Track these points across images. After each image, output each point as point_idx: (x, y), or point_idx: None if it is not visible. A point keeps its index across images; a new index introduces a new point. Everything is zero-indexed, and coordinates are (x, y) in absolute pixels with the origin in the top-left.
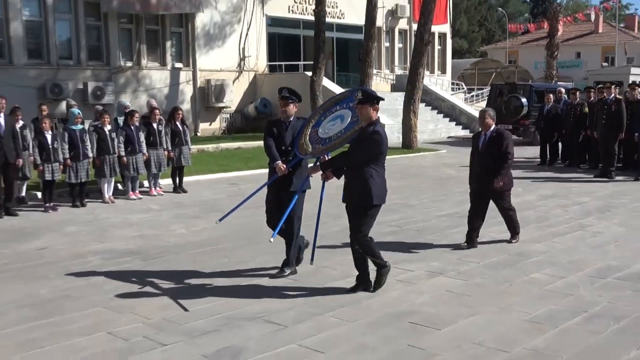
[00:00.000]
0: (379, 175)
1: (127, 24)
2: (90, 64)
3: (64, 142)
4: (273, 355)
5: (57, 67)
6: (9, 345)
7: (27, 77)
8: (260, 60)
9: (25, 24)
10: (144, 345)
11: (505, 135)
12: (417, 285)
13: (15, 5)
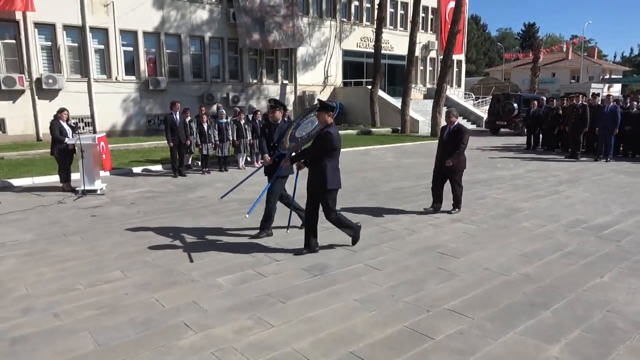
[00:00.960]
0: (332, 167)
1: (254, 55)
2: (231, 81)
3: (215, 130)
4: (348, 270)
5: (210, 83)
6: (171, 259)
7: (192, 89)
8: (337, 78)
9: (192, 56)
10: (265, 260)
11: (463, 130)
12: (442, 228)
13: (186, 45)
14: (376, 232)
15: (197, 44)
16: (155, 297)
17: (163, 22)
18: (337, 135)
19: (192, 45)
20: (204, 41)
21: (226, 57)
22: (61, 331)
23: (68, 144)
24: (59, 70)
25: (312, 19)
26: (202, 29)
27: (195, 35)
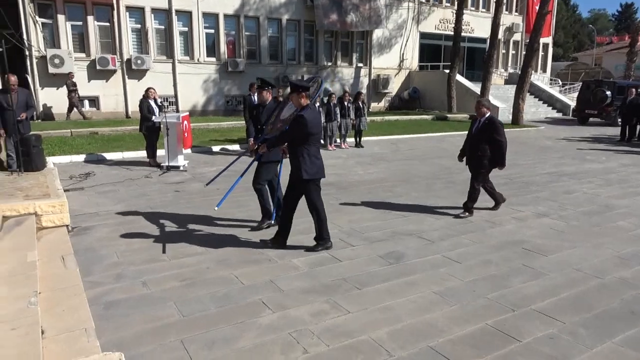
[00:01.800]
0: (309, 154)
1: (329, 37)
2: (306, 63)
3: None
4: (424, 260)
5: (286, 65)
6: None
7: (269, 71)
8: (413, 61)
9: (269, 39)
10: (339, 244)
11: (497, 122)
12: (527, 222)
13: (264, 27)
14: (455, 223)
15: (274, 26)
16: (235, 274)
17: (243, 5)
18: (312, 119)
19: (269, 27)
20: (281, 23)
21: (302, 39)
22: (149, 299)
23: (155, 121)
24: (146, 51)
25: (390, 1)
26: (280, 11)
27: (273, 18)
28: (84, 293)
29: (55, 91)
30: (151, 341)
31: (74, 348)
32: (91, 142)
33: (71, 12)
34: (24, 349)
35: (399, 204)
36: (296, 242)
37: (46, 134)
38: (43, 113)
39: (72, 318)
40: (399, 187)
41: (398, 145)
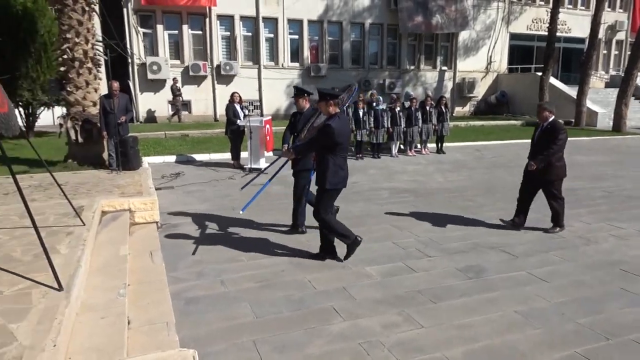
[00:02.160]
0: (334, 164)
1: (413, 41)
2: (388, 67)
3: (370, 117)
4: (507, 276)
5: (367, 70)
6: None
7: (350, 75)
8: (502, 64)
9: (351, 43)
10: (415, 254)
11: (559, 127)
12: (628, 241)
13: (347, 32)
14: (544, 238)
15: (357, 30)
16: (309, 278)
17: (327, 10)
18: (340, 129)
19: (352, 32)
20: (364, 27)
21: (385, 43)
22: (226, 298)
23: (240, 125)
24: (234, 58)
25: (478, 1)
26: (363, 15)
27: (356, 22)
28: (168, 288)
29: (153, 96)
30: (225, 340)
31: (155, 340)
32: (182, 144)
33: (168, 22)
34: (110, 338)
35: (481, 214)
36: (368, 250)
37: (143, 136)
38: (147, 116)
39: (155, 311)
40: (482, 197)
41: (482, 152)
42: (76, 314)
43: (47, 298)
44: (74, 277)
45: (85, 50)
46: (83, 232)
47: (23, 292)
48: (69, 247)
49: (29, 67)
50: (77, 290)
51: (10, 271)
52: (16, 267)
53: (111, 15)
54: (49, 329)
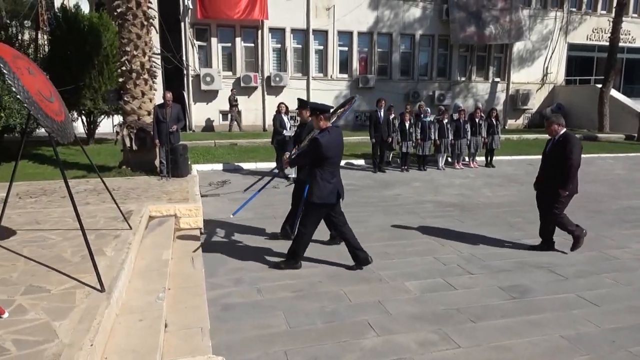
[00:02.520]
0: (322, 177)
1: (464, 52)
2: (438, 79)
3: (417, 128)
4: (555, 298)
5: (417, 81)
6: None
7: (399, 87)
8: (559, 75)
9: (401, 54)
10: (456, 270)
11: (571, 141)
12: None
13: (397, 43)
14: (596, 259)
15: (407, 42)
16: (344, 290)
17: (377, 22)
18: (328, 143)
19: (402, 43)
20: (415, 39)
21: (435, 55)
22: (261, 306)
23: (285, 135)
24: (284, 69)
25: (534, 11)
26: (414, 26)
27: (406, 34)
28: (205, 293)
29: (206, 106)
30: (257, 348)
31: (189, 345)
32: (230, 153)
33: (222, 35)
34: (146, 340)
35: (529, 231)
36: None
37: (193, 144)
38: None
39: (192, 316)
40: (532, 213)
41: (535, 166)
42: (116, 315)
43: (89, 298)
44: (116, 279)
45: (142, 62)
46: (129, 236)
47: (68, 292)
48: (114, 250)
49: (92, 78)
50: (118, 292)
51: (59, 271)
52: (65, 267)
53: (170, 30)
54: (88, 328)
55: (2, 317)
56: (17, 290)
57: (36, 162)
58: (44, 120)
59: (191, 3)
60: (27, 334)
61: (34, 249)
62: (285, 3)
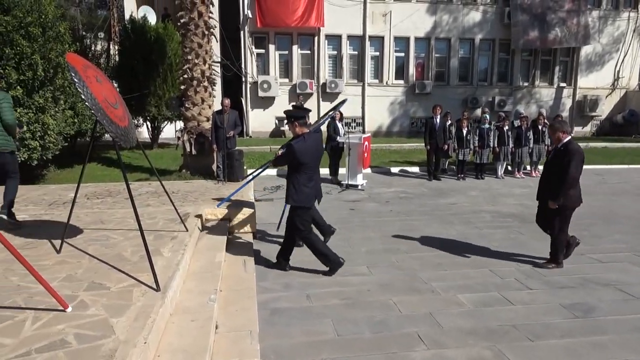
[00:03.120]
0: (298, 182)
1: (527, 56)
2: (498, 84)
3: (475, 135)
4: (621, 319)
5: (476, 87)
6: (414, 265)
7: (457, 93)
8: (632, 80)
9: (459, 59)
10: (514, 285)
11: (572, 150)
12: None
13: (455, 48)
14: None
15: (466, 46)
16: (394, 300)
17: (435, 27)
18: (303, 149)
19: (461, 48)
20: (474, 43)
21: (496, 59)
22: (310, 313)
23: (339, 141)
24: (340, 75)
25: (605, 12)
26: (473, 30)
27: (465, 38)
28: (256, 297)
29: (262, 112)
30: (305, 355)
31: (238, 347)
32: None
33: (280, 43)
34: (197, 340)
35: (596, 245)
36: (462, 276)
37: (249, 150)
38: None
39: (242, 318)
40: (598, 226)
41: (604, 176)
42: (169, 315)
43: (145, 297)
44: (171, 279)
45: (202, 70)
46: (185, 238)
47: (126, 290)
48: (171, 251)
49: (156, 85)
50: (172, 292)
51: (119, 269)
52: (124, 266)
53: (230, 38)
54: (143, 326)
55: (66, 311)
56: (80, 286)
57: (104, 164)
58: (109, 126)
59: (251, 12)
60: (87, 328)
61: (97, 248)
62: (341, 10)
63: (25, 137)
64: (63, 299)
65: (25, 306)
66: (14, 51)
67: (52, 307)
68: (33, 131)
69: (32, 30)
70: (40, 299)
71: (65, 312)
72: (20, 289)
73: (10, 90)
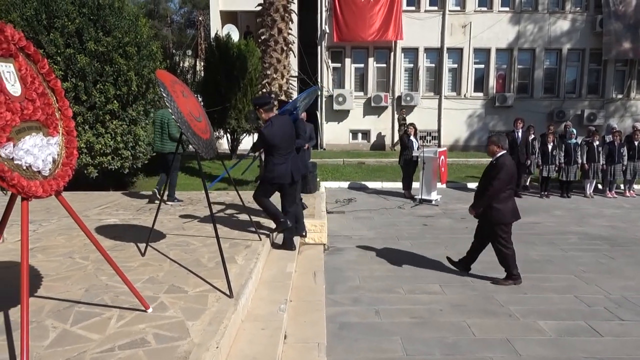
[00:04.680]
0: (273, 162)
1: (622, 66)
2: (588, 96)
3: (561, 151)
4: None
5: (562, 99)
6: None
7: (541, 106)
8: None
9: (544, 71)
10: (603, 314)
11: (499, 165)
12: None
13: (540, 59)
14: None
15: (552, 57)
16: (468, 322)
17: (518, 38)
18: (272, 133)
19: (546, 58)
20: (561, 54)
21: (585, 70)
22: (378, 329)
23: (413, 155)
24: (415, 88)
25: None
26: (561, 40)
27: (552, 48)
28: (325, 309)
29: (337, 125)
30: None
31: (305, 359)
32: (357, 171)
33: (356, 56)
34: (266, 349)
35: None
36: (544, 301)
37: (323, 162)
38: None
39: (310, 330)
40: None
41: None
42: (241, 321)
43: (219, 302)
44: (244, 287)
45: (280, 85)
46: (258, 247)
47: (202, 295)
48: (245, 259)
49: (237, 99)
50: (244, 300)
51: (196, 274)
52: (201, 271)
53: (307, 53)
54: (216, 330)
55: (147, 311)
56: (161, 288)
57: (187, 173)
58: (192, 138)
59: (328, 27)
60: (166, 329)
61: (177, 252)
62: (419, 23)
63: (119, 147)
64: (145, 300)
65: (112, 304)
66: (112, 68)
67: (135, 307)
68: (126, 142)
69: (129, 49)
70: (125, 298)
71: (146, 313)
72: (108, 288)
73: (107, 104)
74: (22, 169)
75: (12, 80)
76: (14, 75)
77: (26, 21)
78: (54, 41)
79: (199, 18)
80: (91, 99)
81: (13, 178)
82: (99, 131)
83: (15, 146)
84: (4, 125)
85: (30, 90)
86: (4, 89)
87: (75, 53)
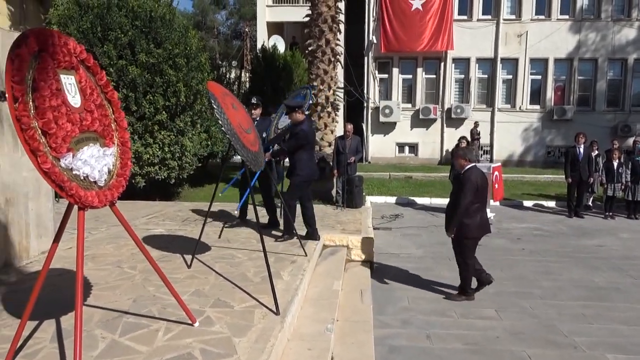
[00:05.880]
0: (304, 160)
1: None
2: None
3: (627, 169)
4: None
5: (628, 112)
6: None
7: (604, 119)
8: None
9: (608, 82)
10: None
11: (465, 179)
12: None
13: (603, 69)
14: None
15: (616, 67)
16: (528, 353)
17: (578, 47)
18: (311, 131)
19: (610, 69)
20: (627, 64)
21: None
22: (430, 354)
23: None
24: (466, 100)
25: None
26: (627, 50)
27: (616, 58)
28: (372, 331)
29: (382, 138)
30: None
31: None
32: (405, 186)
33: (404, 67)
34: None
35: None
36: (612, 333)
37: (369, 176)
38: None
39: (358, 352)
40: None
41: None
42: (287, 340)
43: (266, 319)
44: (290, 304)
45: (327, 96)
46: (304, 263)
47: (248, 310)
48: (290, 275)
49: None
50: (291, 317)
51: (242, 289)
52: (247, 286)
53: (354, 64)
54: (263, 349)
55: (193, 325)
56: (207, 302)
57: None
58: (241, 150)
59: (375, 38)
60: (212, 345)
61: (223, 265)
62: (470, 32)
63: (166, 157)
64: (192, 314)
65: (159, 316)
66: (162, 80)
67: (181, 320)
68: (173, 152)
69: (178, 60)
70: (172, 310)
71: (192, 327)
72: (156, 300)
73: (156, 115)
74: (79, 179)
75: (72, 92)
76: (74, 87)
77: (82, 34)
78: (108, 53)
79: (246, 29)
80: (141, 109)
81: (72, 188)
82: (148, 141)
83: (74, 157)
84: (65, 136)
85: (89, 102)
86: (66, 100)
87: (127, 64)
